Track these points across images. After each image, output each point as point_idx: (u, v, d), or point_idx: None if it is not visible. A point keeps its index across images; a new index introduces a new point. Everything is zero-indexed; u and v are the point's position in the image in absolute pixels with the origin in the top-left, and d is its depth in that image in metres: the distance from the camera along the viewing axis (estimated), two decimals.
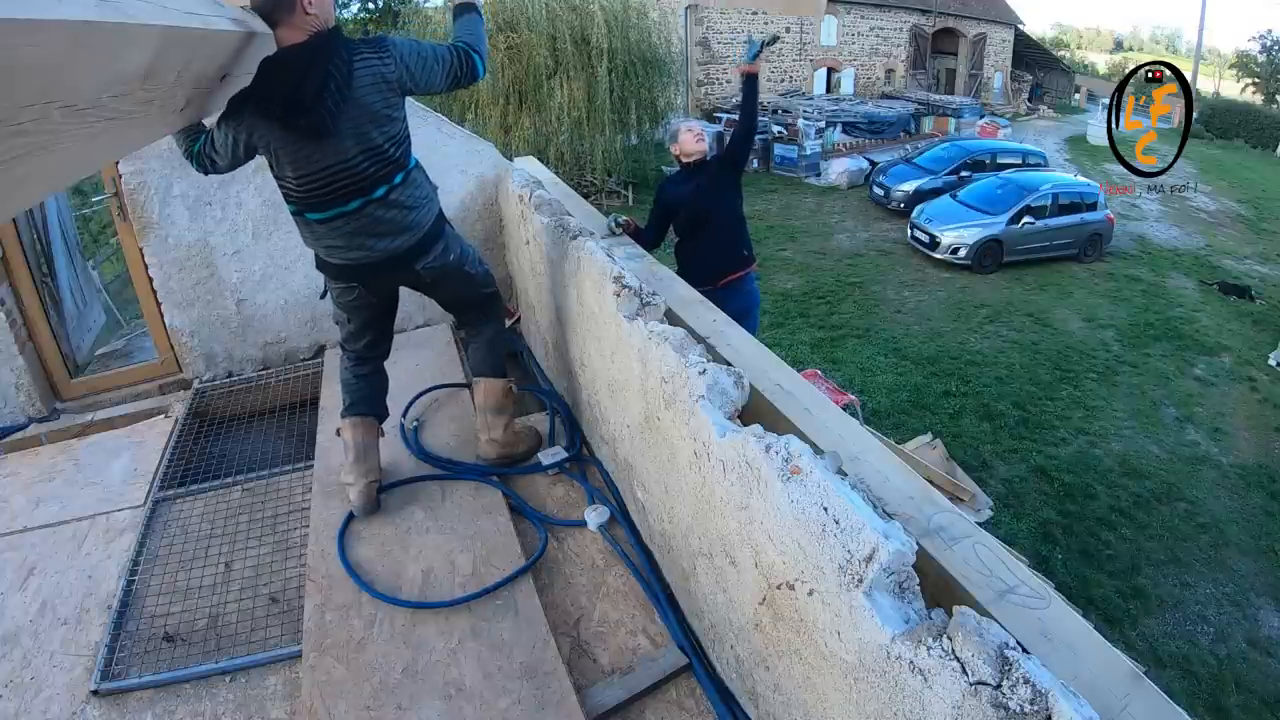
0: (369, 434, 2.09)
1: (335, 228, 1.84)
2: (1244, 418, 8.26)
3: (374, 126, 1.76)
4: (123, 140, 1.35)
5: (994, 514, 5.71)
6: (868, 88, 26.17)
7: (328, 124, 1.68)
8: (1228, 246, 14.39)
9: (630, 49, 14.57)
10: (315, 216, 1.83)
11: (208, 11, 1.28)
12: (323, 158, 1.73)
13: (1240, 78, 39.15)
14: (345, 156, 1.74)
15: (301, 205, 1.83)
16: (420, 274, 2.00)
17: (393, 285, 2.07)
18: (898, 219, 14.26)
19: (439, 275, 2.03)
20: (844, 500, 1.05)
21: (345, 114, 1.70)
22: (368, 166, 1.78)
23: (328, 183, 1.77)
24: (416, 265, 1.96)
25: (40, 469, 2.54)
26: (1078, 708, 0.77)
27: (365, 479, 2.02)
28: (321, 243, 1.89)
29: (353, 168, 1.76)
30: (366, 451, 2.05)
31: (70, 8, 0.58)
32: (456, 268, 2.06)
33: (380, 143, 1.78)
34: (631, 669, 1.63)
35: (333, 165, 1.74)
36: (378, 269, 1.93)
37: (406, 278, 2.02)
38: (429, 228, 1.95)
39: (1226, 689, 4.86)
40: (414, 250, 1.93)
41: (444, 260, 2.01)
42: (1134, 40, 73.23)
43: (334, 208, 1.80)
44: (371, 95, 1.73)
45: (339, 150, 1.73)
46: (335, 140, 1.71)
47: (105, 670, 1.69)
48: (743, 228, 3.23)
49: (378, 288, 2.02)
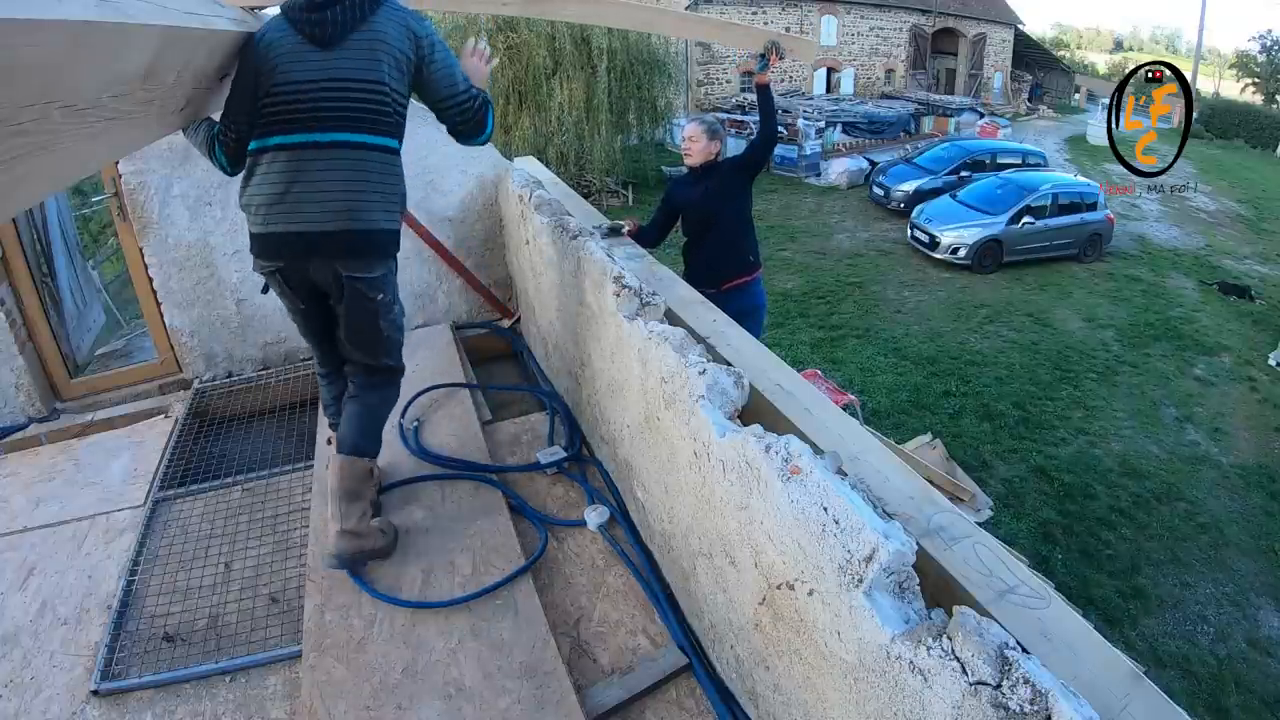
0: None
1: (291, 164, 1.65)
2: (1244, 418, 8.26)
3: (389, 60, 1.66)
4: (123, 140, 1.35)
5: (994, 514, 5.72)
6: (868, 88, 26.18)
7: (333, 31, 1.63)
8: (1228, 246, 14.39)
9: (629, 49, 14.59)
10: (280, 140, 1.65)
11: (208, 11, 1.28)
12: (323, 70, 1.64)
13: (1240, 78, 39.15)
14: (345, 76, 1.64)
15: (273, 126, 1.65)
16: (341, 280, 1.74)
17: (310, 282, 1.78)
18: (898, 219, 14.27)
19: (355, 299, 1.77)
20: (844, 500, 1.05)
21: (358, 34, 1.65)
22: (363, 100, 1.65)
23: (315, 101, 1.63)
24: (341, 266, 1.72)
25: (40, 469, 2.54)
26: (1078, 708, 0.77)
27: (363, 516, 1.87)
28: (262, 190, 1.67)
29: (348, 91, 1.64)
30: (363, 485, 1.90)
31: (70, 8, 0.58)
32: (376, 308, 1.80)
33: (387, 81, 1.67)
34: (631, 669, 1.63)
35: (329, 81, 1.64)
36: (299, 248, 1.69)
37: (325, 278, 1.75)
38: (380, 237, 1.74)
39: (1226, 689, 4.86)
40: (350, 243, 1.70)
41: (371, 290, 1.76)
42: (1134, 40, 73.25)
43: (306, 132, 1.64)
44: (393, 32, 1.68)
45: (341, 68, 1.64)
46: (340, 56, 1.64)
47: (105, 670, 1.69)
48: (750, 232, 3.22)
49: (295, 276, 1.77)
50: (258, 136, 1.68)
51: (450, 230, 3.22)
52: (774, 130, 3.09)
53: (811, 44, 2.97)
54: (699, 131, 3.09)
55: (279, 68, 1.64)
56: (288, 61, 1.64)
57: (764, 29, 2.81)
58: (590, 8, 2.39)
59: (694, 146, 3.08)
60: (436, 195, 3.16)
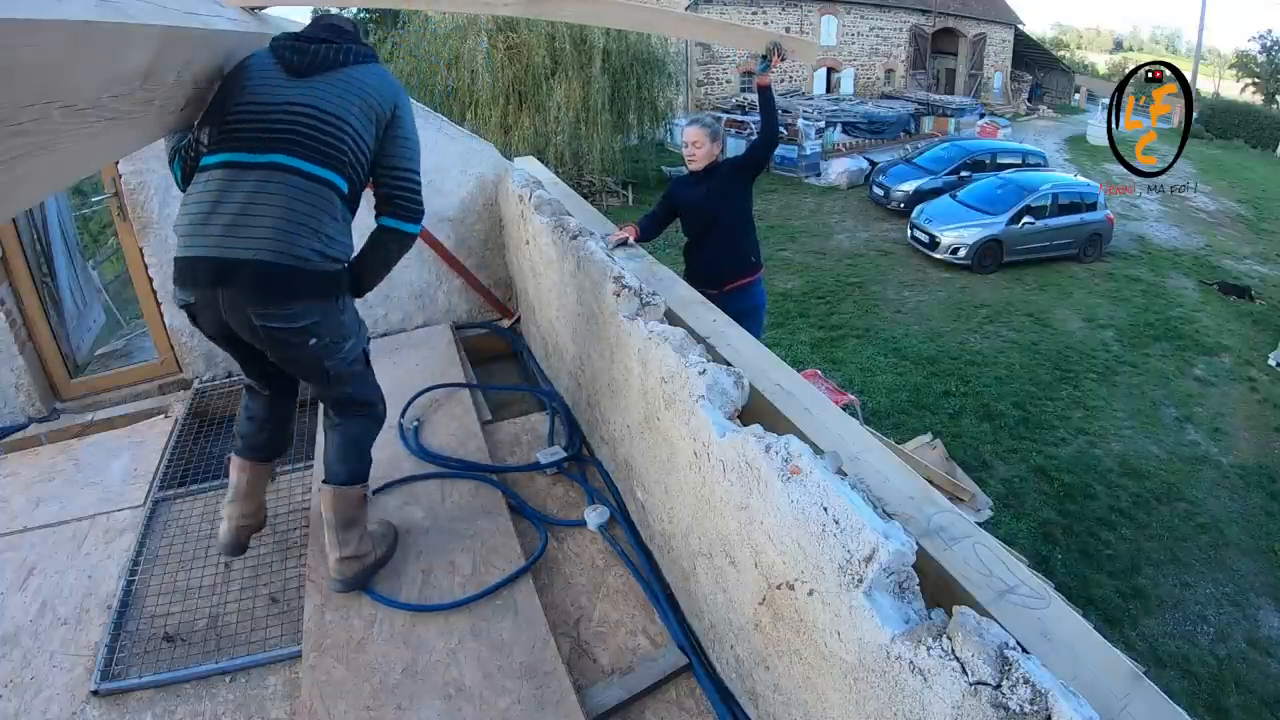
0: (256, 475, 1.83)
1: (223, 183, 1.52)
2: (1244, 418, 8.26)
3: (359, 104, 1.61)
4: (123, 140, 1.35)
5: (994, 514, 5.71)
6: (868, 88, 26.18)
7: (310, 61, 1.61)
8: (1228, 246, 14.39)
9: (629, 49, 14.59)
10: (220, 158, 1.54)
11: (208, 12, 1.28)
12: (286, 95, 1.58)
13: (1240, 78, 39.16)
14: (306, 103, 1.57)
15: (221, 144, 1.55)
16: (254, 327, 1.53)
17: (226, 327, 1.58)
18: (898, 219, 14.26)
19: (283, 347, 1.60)
20: (844, 500, 1.05)
21: (335, 74, 1.62)
22: (316, 129, 1.56)
23: (267, 122, 1.55)
24: (254, 310, 1.51)
25: (40, 469, 2.54)
26: (1078, 708, 0.77)
27: (237, 520, 1.81)
28: (189, 211, 1.54)
29: (301, 117, 1.56)
30: (249, 492, 1.82)
31: (70, 8, 0.58)
32: (315, 354, 1.62)
33: (350, 121, 1.60)
34: (631, 669, 1.63)
35: (288, 104, 1.57)
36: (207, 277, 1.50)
37: (240, 323, 1.54)
38: (305, 276, 1.53)
39: (1226, 689, 4.86)
40: (264, 278, 1.49)
41: (299, 336, 1.57)
42: (1134, 40, 73.26)
43: (248, 152, 1.53)
44: (373, 83, 1.65)
45: (305, 96, 1.58)
46: (309, 86, 1.60)
47: (105, 670, 1.69)
48: (751, 233, 3.22)
49: (207, 317, 1.57)
50: (207, 153, 1.58)
51: (450, 230, 3.22)
52: (776, 131, 3.09)
53: (813, 45, 2.96)
54: (702, 135, 3.07)
55: (247, 88, 1.59)
56: (257, 83, 1.60)
57: (764, 29, 2.80)
58: (590, 8, 2.39)
59: (698, 151, 3.06)
60: (436, 195, 3.16)
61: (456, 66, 13.94)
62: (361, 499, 1.81)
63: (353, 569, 1.77)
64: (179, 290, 1.57)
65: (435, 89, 13.91)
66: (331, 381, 1.70)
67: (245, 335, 1.58)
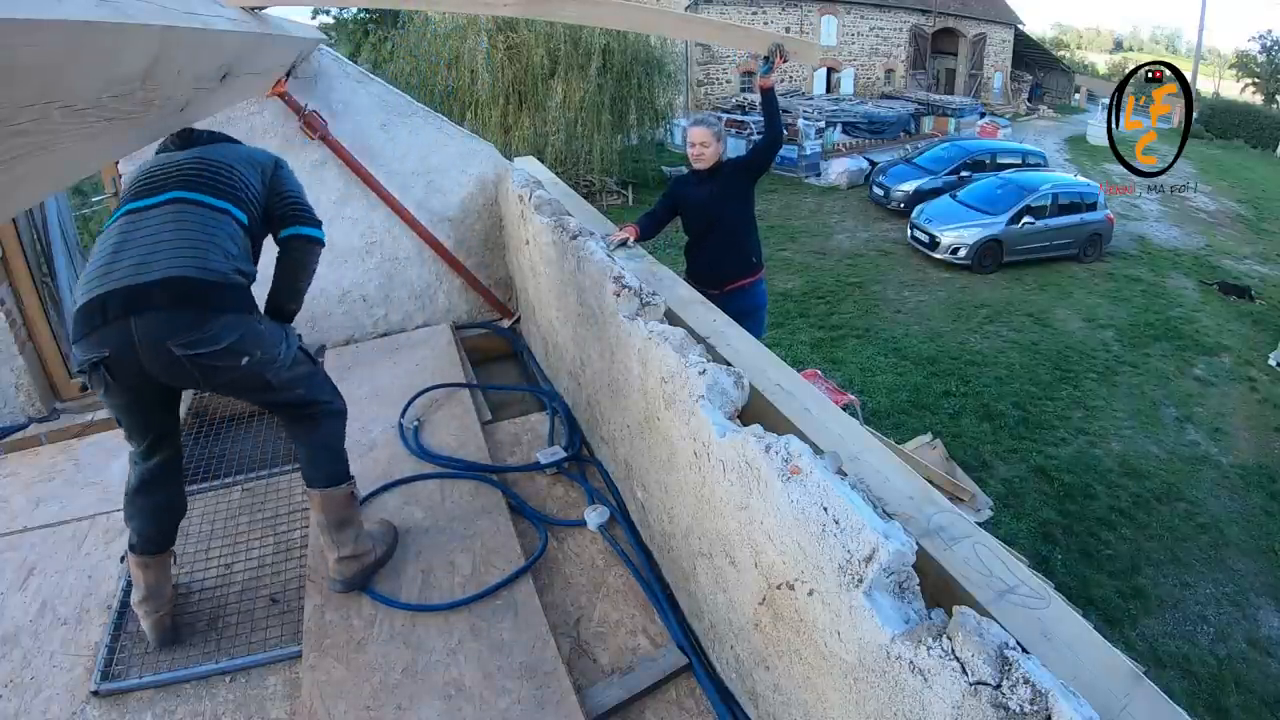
0: (161, 568, 1.72)
1: (123, 229, 1.53)
2: (1244, 418, 8.26)
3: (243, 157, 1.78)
4: (123, 140, 1.35)
5: (994, 514, 5.71)
6: (868, 88, 26.18)
7: (194, 134, 1.81)
8: (1228, 246, 14.39)
9: (629, 48, 14.58)
10: (119, 212, 1.58)
11: (208, 11, 1.28)
12: (175, 159, 1.72)
13: (1240, 78, 39.16)
14: (194, 156, 1.72)
15: (121, 204, 1.62)
16: (180, 361, 1.45)
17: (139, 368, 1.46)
18: (898, 219, 14.26)
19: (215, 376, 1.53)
20: (844, 500, 1.05)
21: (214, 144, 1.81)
22: (205, 169, 1.68)
23: (160, 175, 1.64)
24: (176, 342, 1.43)
25: (40, 469, 2.54)
26: (1078, 708, 0.77)
27: (158, 613, 1.73)
28: (93, 260, 1.50)
29: (190, 163, 1.69)
30: (161, 586, 1.73)
31: (70, 8, 0.58)
32: (254, 369, 1.56)
33: (236, 165, 1.73)
34: (631, 669, 1.63)
35: (177, 160, 1.71)
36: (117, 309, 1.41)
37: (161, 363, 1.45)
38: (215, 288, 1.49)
39: (1226, 689, 4.86)
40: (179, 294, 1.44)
41: (227, 359, 1.51)
42: (1134, 40, 73.27)
43: (147, 197, 1.58)
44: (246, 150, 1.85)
45: (192, 153, 1.74)
46: (194, 148, 1.77)
47: (105, 670, 1.69)
48: (753, 234, 3.22)
49: (121, 364, 1.45)
50: (109, 219, 1.61)
51: (450, 230, 3.22)
52: (779, 134, 3.08)
53: (815, 47, 2.96)
54: (709, 136, 3.07)
55: (145, 166, 1.71)
56: (152, 162, 1.73)
57: (765, 31, 2.80)
58: (590, 9, 2.38)
59: (706, 152, 3.06)
60: (436, 195, 3.16)
61: (456, 66, 13.94)
62: (349, 497, 1.80)
63: (352, 568, 1.78)
64: (84, 346, 1.44)
65: (435, 89, 13.91)
66: (280, 389, 1.65)
67: (165, 377, 1.50)
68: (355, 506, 1.83)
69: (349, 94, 2.93)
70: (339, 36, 21.65)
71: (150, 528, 1.68)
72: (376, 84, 3.02)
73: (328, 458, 1.78)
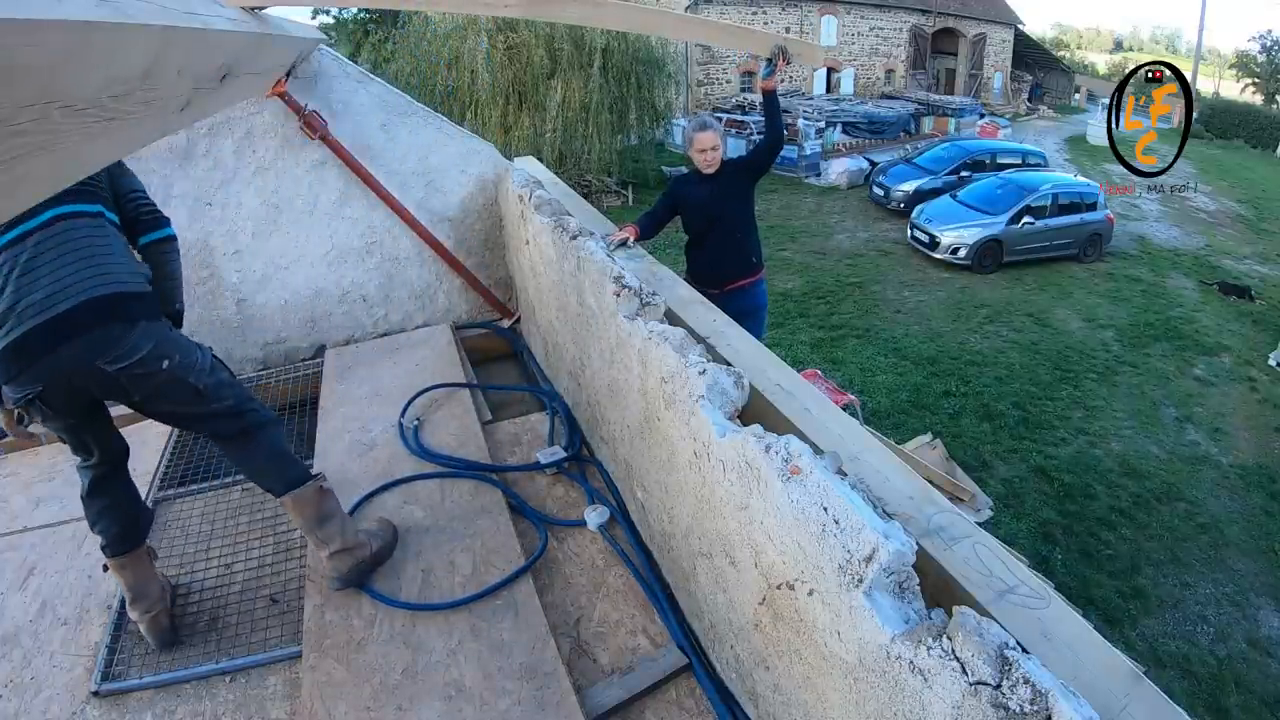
0: (139, 565, 1.74)
1: (11, 259, 1.45)
2: (1244, 418, 8.26)
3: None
4: (123, 140, 1.35)
5: (994, 514, 5.70)
6: (868, 88, 26.18)
7: None
8: (1228, 246, 14.39)
9: (628, 48, 14.58)
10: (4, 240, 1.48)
11: (208, 11, 1.28)
12: None
13: (1240, 78, 39.15)
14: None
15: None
16: (112, 376, 1.48)
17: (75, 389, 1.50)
18: (898, 219, 14.26)
19: (145, 386, 1.54)
20: (844, 500, 1.05)
21: None
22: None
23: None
24: (104, 359, 1.45)
25: (40, 469, 2.54)
26: (1078, 708, 0.77)
27: (150, 613, 1.73)
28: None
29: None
30: (145, 584, 1.74)
31: (70, 8, 0.58)
32: (175, 379, 1.56)
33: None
34: (631, 669, 1.63)
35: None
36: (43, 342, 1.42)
37: (93, 379, 1.48)
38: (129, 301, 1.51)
39: (1226, 689, 4.86)
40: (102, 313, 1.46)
41: (149, 366, 1.51)
42: (1134, 40, 73.28)
43: (20, 225, 1.47)
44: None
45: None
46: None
47: (105, 671, 1.69)
48: (754, 234, 3.22)
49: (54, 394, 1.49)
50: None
51: (450, 230, 3.22)
52: (781, 136, 3.08)
53: (817, 48, 2.94)
54: (717, 138, 3.06)
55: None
56: None
57: (767, 32, 2.79)
58: (591, 10, 2.38)
59: (715, 155, 3.05)
60: (436, 195, 3.16)
61: (456, 66, 13.94)
62: (318, 492, 1.78)
63: (346, 563, 1.77)
64: (15, 386, 1.47)
65: (435, 89, 13.91)
66: (210, 397, 1.63)
67: (99, 393, 1.53)
68: (330, 500, 1.81)
69: (349, 94, 2.94)
70: (339, 36, 21.64)
71: (113, 527, 1.69)
72: (376, 84, 3.02)
73: (278, 466, 1.76)
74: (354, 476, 2.24)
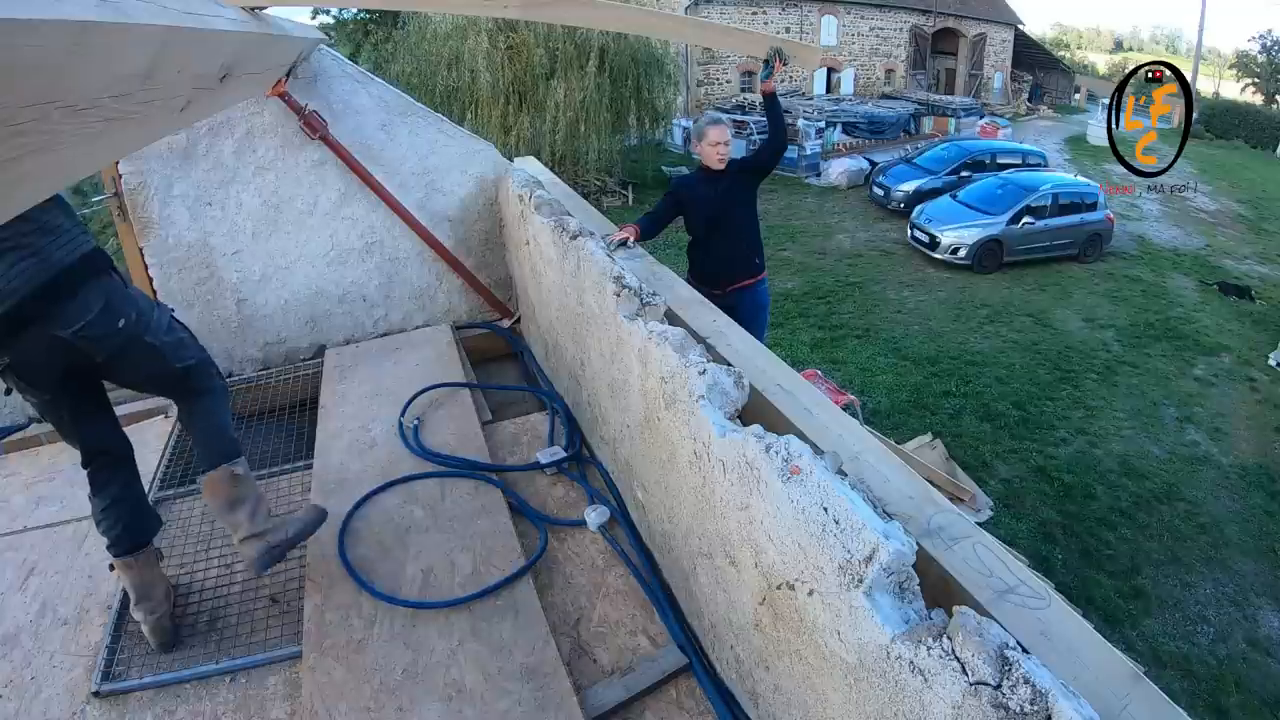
0: (145, 566, 1.75)
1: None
2: (1244, 418, 8.26)
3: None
4: (123, 140, 1.35)
5: (994, 514, 5.72)
6: (868, 88, 26.18)
7: None
8: (1228, 246, 14.39)
9: (628, 48, 14.57)
10: None
11: (208, 11, 1.28)
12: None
13: (1240, 78, 39.15)
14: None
15: None
16: (69, 342, 1.51)
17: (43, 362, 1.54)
18: (898, 219, 14.26)
19: (105, 346, 1.56)
20: (844, 500, 1.05)
21: None
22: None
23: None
24: (59, 328, 1.49)
25: (40, 469, 2.54)
26: (1078, 708, 0.77)
27: (153, 615, 1.73)
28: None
29: None
30: (151, 585, 1.74)
31: (70, 8, 0.58)
32: (136, 334, 1.60)
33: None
34: (631, 669, 1.63)
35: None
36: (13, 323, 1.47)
37: (55, 347, 1.52)
38: (65, 265, 1.51)
39: (1226, 689, 4.86)
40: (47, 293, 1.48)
41: (108, 324, 1.54)
42: (1134, 40, 73.28)
43: None
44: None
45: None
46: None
47: (106, 671, 1.69)
48: (756, 235, 3.22)
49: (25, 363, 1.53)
50: None
51: (450, 230, 3.22)
52: (784, 140, 3.08)
53: (816, 50, 2.93)
54: (728, 134, 3.06)
55: None
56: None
57: (765, 34, 2.79)
58: (591, 12, 2.39)
59: (726, 150, 3.05)
60: (436, 195, 3.16)
61: (456, 66, 13.94)
62: (232, 476, 1.76)
63: (259, 547, 1.73)
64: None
65: (435, 89, 13.91)
66: (171, 355, 1.68)
67: (65, 359, 1.55)
68: (244, 486, 1.78)
69: (349, 94, 2.93)
70: (339, 36, 21.64)
71: (116, 526, 1.71)
72: (377, 84, 3.02)
73: (218, 434, 1.79)
74: (354, 476, 2.23)
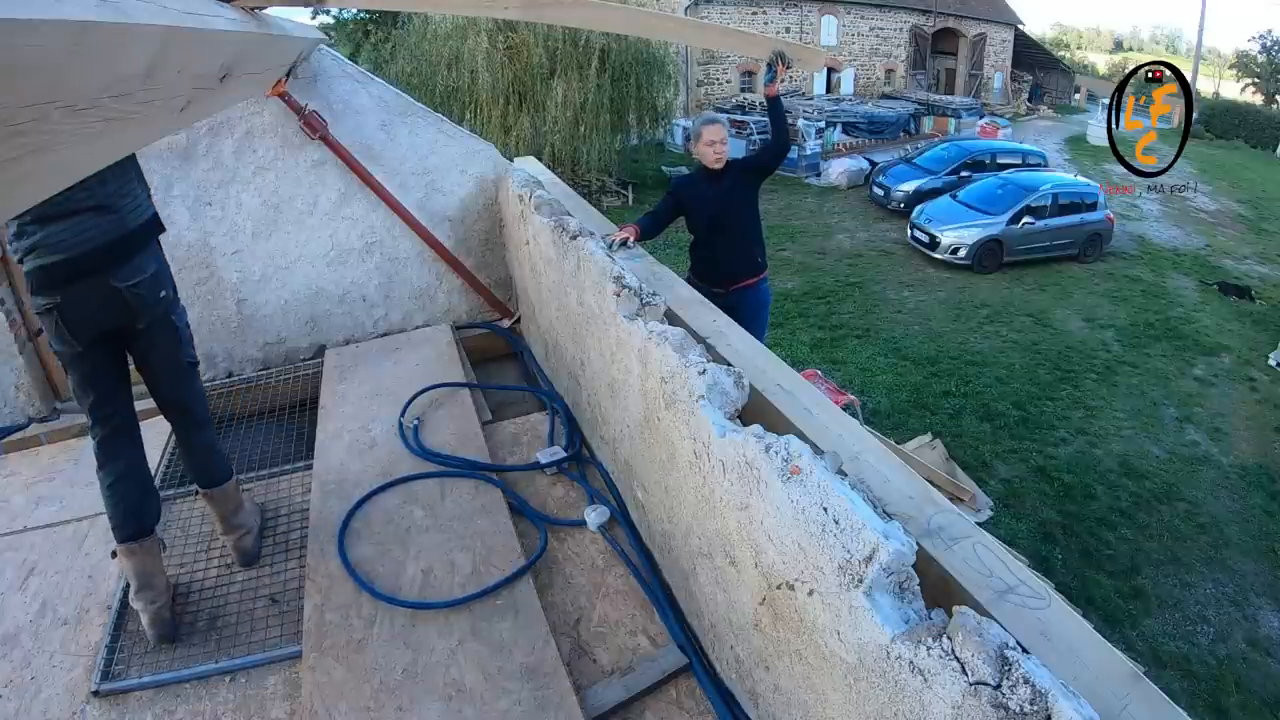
0: (148, 554, 1.76)
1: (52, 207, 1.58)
2: (1244, 418, 8.26)
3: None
4: (123, 140, 1.35)
5: (994, 514, 5.72)
6: (868, 88, 26.17)
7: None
8: (1228, 246, 14.39)
9: (628, 48, 14.57)
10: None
11: (208, 11, 1.28)
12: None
13: (1240, 78, 39.14)
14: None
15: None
16: (124, 297, 1.65)
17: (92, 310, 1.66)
18: (898, 219, 14.26)
19: (147, 310, 1.70)
20: (844, 500, 1.05)
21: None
22: None
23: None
24: (116, 279, 1.63)
25: (40, 469, 2.54)
26: (1078, 708, 0.77)
27: (154, 604, 1.74)
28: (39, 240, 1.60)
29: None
30: (151, 575, 1.75)
31: (70, 8, 0.58)
32: (166, 310, 1.76)
33: None
34: (631, 669, 1.63)
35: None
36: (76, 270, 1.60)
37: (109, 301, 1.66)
38: (133, 227, 1.68)
39: (1226, 689, 4.86)
40: (115, 249, 1.63)
41: (154, 290, 1.71)
42: (1134, 40, 73.26)
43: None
44: None
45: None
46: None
47: (105, 670, 1.69)
48: (759, 235, 3.22)
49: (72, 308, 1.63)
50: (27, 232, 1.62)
51: (450, 230, 3.22)
52: (786, 142, 3.08)
53: (819, 53, 2.90)
54: (724, 132, 3.07)
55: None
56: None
57: (767, 36, 2.79)
58: (591, 13, 2.38)
59: (724, 149, 3.06)
60: (436, 195, 3.16)
61: (456, 66, 13.93)
62: (235, 484, 2.00)
63: (249, 542, 2.00)
64: (40, 295, 1.62)
65: (435, 89, 13.91)
66: (186, 344, 1.85)
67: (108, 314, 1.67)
68: (239, 490, 2.03)
69: (349, 94, 2.93)
70: (339, 36, 21.63)
71: (121, 504, 1.76)
72: (376, 84, 3.02)
73: (219, 455, 1.98)
74: (354, 476, 2.23)
